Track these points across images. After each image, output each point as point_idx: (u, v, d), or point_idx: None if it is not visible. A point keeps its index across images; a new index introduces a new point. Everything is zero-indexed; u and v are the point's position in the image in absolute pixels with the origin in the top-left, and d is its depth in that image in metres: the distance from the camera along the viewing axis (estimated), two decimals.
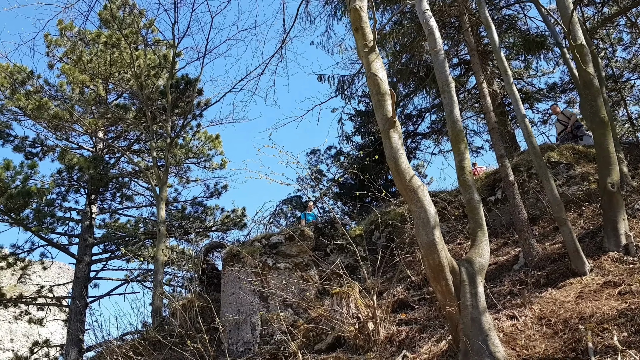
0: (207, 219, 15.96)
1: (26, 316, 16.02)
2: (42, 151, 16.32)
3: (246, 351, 8.73)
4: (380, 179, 14.46)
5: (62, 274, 25.31)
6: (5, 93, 15.74)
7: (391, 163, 6.04)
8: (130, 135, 16.90)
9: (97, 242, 15.63)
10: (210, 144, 16.59)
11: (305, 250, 9.36)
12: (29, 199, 14.56)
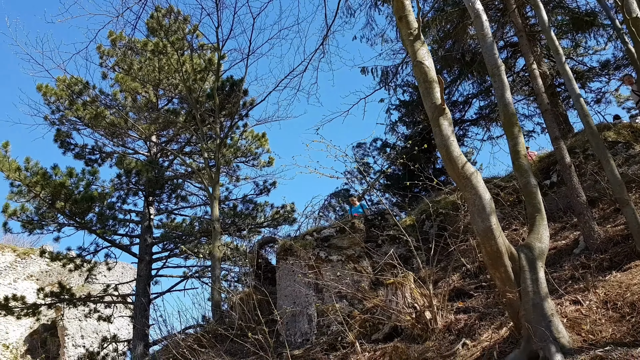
0: (258, 215, 16.30)
1: (95, 314, 16.85)
2: (101, 158, 17.08)
3: (304, 342, 8.92)
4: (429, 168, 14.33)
5: (125, 273, 26.45)
6: (64, 104, 16.55)
7: (442, 151, 6.01)
8: (182, 138, 17.45)
9: (157, 242, 16.26)
10: (257, 143, 16.90)
11: (356, 242, 9.43)
12: (92, 204, 15.30)
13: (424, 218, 9.86)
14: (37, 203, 15.36)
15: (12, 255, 24.96)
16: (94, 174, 16.09)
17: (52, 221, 15.70)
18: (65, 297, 16.43)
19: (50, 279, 24.42)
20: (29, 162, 15.17)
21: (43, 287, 18.45)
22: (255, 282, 10.06)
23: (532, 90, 13.96)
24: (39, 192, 14.85)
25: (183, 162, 16.70)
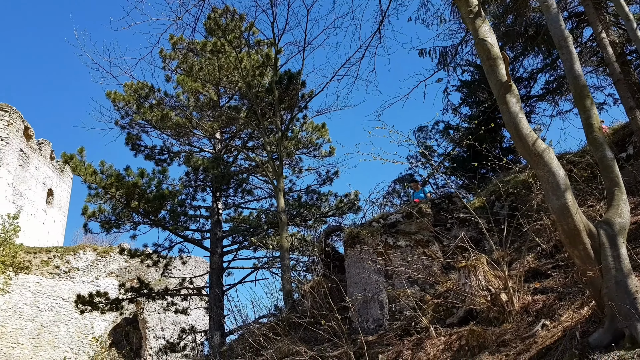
0: (322, 205, 16.49)
1: (172, 306, 17.69)
2: (169, 157, 17.80)
3: (377, 328, 8.99)
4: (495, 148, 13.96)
5: (198, 266, 27.59)
6: (132, 109, 17.34)
7: (511, 129, 5.88)
8: (244, 134, 17.90)
9: (226, 235, 16.83)
10: (318, 134, 17.05)
11: (425, 227, 9.36)
12: (164, 202, 15.98)
13: (494, 199, 9.64)
14: (113, 204, 16.20)
15: (93, 254, 26.61)
16: (163, 173, 16.83)
17: (128, 220, 16.51)
18: (144, 291, 17.31)
19: (129, 275, 25.84)
20: (104, 165, 16.01)
21: (123, 282, 19.57)
22: (324, 270, 10.20)
23: (601, 60, 13.27)
24: (114, 193, 15.63)
25: (247, 156, 17.13)
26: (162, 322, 25.36)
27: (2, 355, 21.69)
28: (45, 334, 23.25)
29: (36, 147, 36.70)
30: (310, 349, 8.44)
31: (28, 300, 23.31)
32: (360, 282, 9.50)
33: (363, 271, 9.42)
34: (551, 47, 13.63)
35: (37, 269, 24.04)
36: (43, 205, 35.98)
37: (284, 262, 12.23)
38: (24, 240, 25.36)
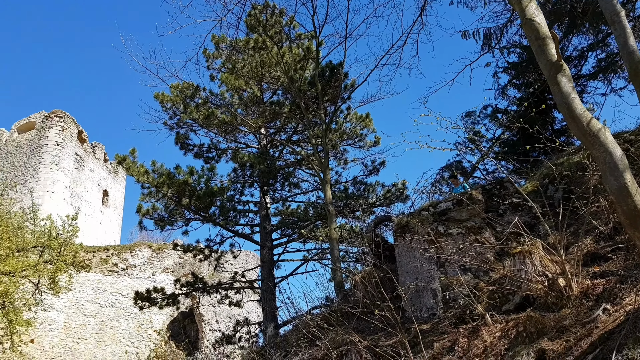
0: (369, 195, 16.48)
1: (226, 300, 18.15)
2: (217, 154, 18.20)
3: (431, 317, 8.96)
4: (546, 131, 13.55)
5: (249, 260, 28.20)
6: (179, 109, 17.80)
7: (563, 109, 5.73)
8: (289, 128, 18.07)
9: (275, 229, 17.10)
10: (362, 124, 17.03)
11: (476, 214, 9.24)
12: (214, 198, 16.39)
13: (547, 182, 9.39)
14: (165, 202, 16.74)
15: (148, 251, 27.61)
16: (212, 170, 17.24)
17: (180, 217, 17.02)
18: (199, 285, 17.84)
19: (184, 270, 26.68)
20: (155, 164, 16.54)
21: (179, 277, 20.23)
22: (374, 260, 10.23)
23: None
24: (166, 192, 16.14)
25: (292, 150, 17.31)
26: (217, 315, 26.09)
27: (69, 350, 22.88)
28: (107, 329, 24.35)
29: (90, 150, 38.33)
30: (364, 339, 8.51)
31: (89, 297, 24.47)
32: (411, 271, 9.49)
33: (414, 260, 9.40)
34: (600, 23, 13.09)
35: (96, 267, 25.18)
36: (99, 205, 37.58)
37: (333, 254, 12.33)
38: (83, 240, 26.57)
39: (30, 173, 33.22)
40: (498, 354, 6.77)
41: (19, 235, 17.49)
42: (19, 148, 34.96)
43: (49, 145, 33.86)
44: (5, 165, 34.74)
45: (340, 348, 8.84)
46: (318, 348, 9.53)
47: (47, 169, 33.10)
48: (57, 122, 34.85)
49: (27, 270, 16.56)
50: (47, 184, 32.63)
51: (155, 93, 17.64)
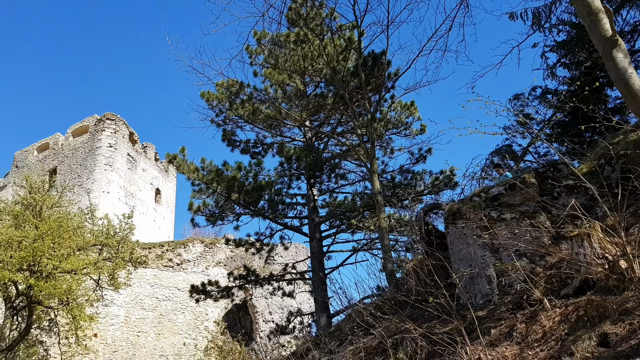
0: (417, 184, 16.35)
1: (279, 291, 18.49)
2: (263, 149, 18.50)
3: (486, 303, 8.86)
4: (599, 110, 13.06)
5: (299, 252, 28.58)
6: (225, 106, 18.16)
7: (620, 85, 5.56)
8: (333, 120, 18.15)
9: (323, 220, 17.26)
10: (407, 112, 16.90)
11: (530, 197, 9.04)
12: (262, 192, 16.67)
13: (603, 163, 9.08)
14: (215, 197, 17.14)
15: (201, 246, 28.41)
16: (259, 165, 17.51)
17: (230, 212, 17.41)
18: (251, 278, 18.24)
19: (236, 264, 27.32)
20: (204, 161, 16.95)
21: (231, 271, 20.73)
22: (425, 248, 10.19)
23: None
24: (215, 188, 16.53)
25: (338, 142, 17.38)
26: (269, 306, 26.62)
27: (130, 344, 23.88)
28: (165, 322, 25.26)
29: (141, 150, 39.70)
30: (419, 327, 8.52)
31: (147, 292, 25.42)
32: (464, 258, 9.40)
33: (467, 247, 9.30)
34: None
35: (152, 263, 26.12)
36: (152, 203, 38.92)
37: (383, 243, 12.35)
38: (139, 237, 27.55)
39: (86, 175, 34.75)
40: (558, 338, 6.66)
41: (78, 235, 18.30)
42: (74, 151, 36.62)
43: (102, 147, 35.31)
44: (62, 168, 36.49)
45: (395, 336, 8.88)
46: (372, 337, 9.60)
47: (102, 170, 34.53)
48: (109, 125, 36.28)
49: (88, 268, 17.33)
50: (103, 184, 34.04)
51: (202, 92, 18.05)
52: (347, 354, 10.01)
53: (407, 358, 8.10)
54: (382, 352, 9.17)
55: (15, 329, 17.50)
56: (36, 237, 16.41)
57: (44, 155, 38.59)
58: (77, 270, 16.72)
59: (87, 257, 18.17)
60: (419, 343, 8.16)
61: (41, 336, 19.87)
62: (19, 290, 16.61)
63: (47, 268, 15.95)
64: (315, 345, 11.24)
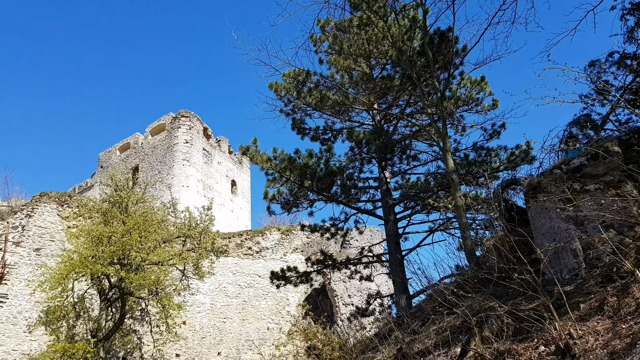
0: (492, 160, 15.95)
1: (356, 275, 18.75)
2: (332, 135, 18.68)
3: (573, 278, 8.62)
4: None
5: (374, 235, 28.79)
6: (293, 95, 18.48)
7: None
8: (401, 101, 18.02)
9: (397, 202, 17.26)
10: (477, 88, 16.46)
11: (614, 166, 8.66)
12: (334, 178, 16.89)
13: None
14: (289, 186, 17.56)
15: (278, 234, 29.23)
16: (329, 151, 17.75)
17: (304, 199, 17.77)
18: (328, 262, 18.60)
19: (312, 249, 27.92)
20: (276, 151, 17.38)
21: (309, 256, 21.24)
22: (506, 225, 10.01)
23: None
24: (289, 176, 16.93)
25: (408, 123, 17.25)
26: (348, 289, 27.04)
27: (217, 330, 25.08)
28: (249, 308, 26.31)
29: (215, 144, 41.29)
30: (503, 304, 8.44)
31: (230, 280, 26.54)
32: (548, 233, 9.17)
33: (550, 221, 9.06)
34: None
35: (233, 252, 27.21)
36: (229, 195, 40.47)
37: (461, 221, 12.22)
38: (218, 227, 28.78)
39: (166, 171, 36.67)
40: None
41: (163, 228, 19.34)
42: (153, 149, 38.68)
43: (179, 143, 37.10)
44: (143, 165, 38.69)
45: (479, 314, 8.84)
46: (455, 316, 9.59)
47: (180, 166, 36.31)
48: (184, 122, 38.01)
49: (174, 259, 18.27)
50: (182, 179, 35.80)
51: (270, 83, 18.45)
52: (431, 333, 10.07)
53: (493, 336, 8.05)
54: (466, 331, 9.16)
55: (110, 319, 18.66)
56: (124, 232, 17.51)
57: (126, 155, 41.06)
58: (163, 262, 17.67)
59: (172, 248, 19.10)
60: (505, 320, 8.09)
61: (134, 325, 21.24)
62: (111, 283, 17.78)
63: (135, 260, 17.02)
64: (397, 326, 11.37)
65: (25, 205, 22.94)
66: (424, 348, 9.74)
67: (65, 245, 21.29)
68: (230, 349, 24.84)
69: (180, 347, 23.41)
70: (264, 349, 25.15)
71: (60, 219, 22.90)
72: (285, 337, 25.98)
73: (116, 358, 21.38)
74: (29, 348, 20.43)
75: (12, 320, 20.63)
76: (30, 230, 22.17)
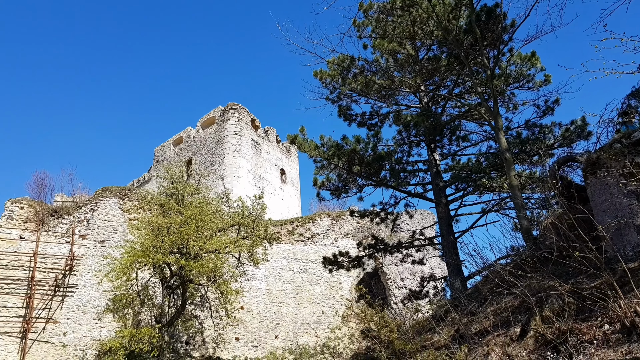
0: (546, 137, 15.49)
1: (408, 258, 18.74)
2: (379, 120, 18.59)
3: (637, 254, 8.37)
4: None
5: (425, 218, 28.61)
6: (338, 82, 18.49)
7: None
8: (449, 82, 17.72)
9: (448, 184, 17.07)
10: (528, 64, 15.97)
11: None
12: (382, 162, 16.85)
13: None
14: (337, 172, 17.66)
15: (328, 220, 29.52)
16: (377, 136, 17.69)
17: (353, 184, 17.83)
18: (380, 247, 18.66)
19: (363, 234, 28.06)
20: (323, 139, 17.47)
21: (360, 241, 21.39)
22: (564, 202, 9.78)
23: None
24: (337, 163, 17.00)
25: (457, 103, 16.96)
26: (400, 273, 27.07)
27: (273, 314, 25.71)
28: (303, 293, 26.80)
29: (264, 134, 42.01)
30: (564, 283, 8.30)
31: (284, 266, 27.09)
32: (609, 209, 8.92)
33: (611, 197, 8.81)
34: None
35: (285, 238, 27.71)
36: (278, 183, 41.14)
37: (516, 201, 12.00)
38: (270, 215, 29.37)
39: (217, 162, 37.65)
40: None
41: (218, 217, 19.90)
42: (205, 142, 39.75)
43: (229, 135, 37.98)
44: (196, 158, 39.84)
45: (539, 294, 8.72)
46: (514, 296, 9.50)
47: (231, 157, 37.18)
48: (233, 114, 38.84)
49: (229, 247, 18.81)
50: (233, 170, 36.67)
51: (315, 71, 18.50)
52: (489, 314, 10.03)
53: (554, 315, 7.96)
54: (525, 311, 9.07)
55: (172, 305, 19.51)
56: (182, 222, 18.17)
57: (179, 148, 42.36)
58: (219, 250, 18.25)
59: (227, 237, 19.64)
60: (566, 299, 7.96)
61: (195, 311, 22.07)
62: (172, 271, 18.56)
63: (194, 249, 17.66)
64: (454, 308, 11.37)
65: (89, 200, 24.15)
66: (482, 329, 9.72)
67: (128, 236, 22.32)
68: (287, 332, 25.45)
69: (239, 330, 24.18)
70: (320, 332, 25.61)
71: (122, 212, 23.98)
72: (340, 320, 26.34)
73: (180, 342, 22.34)
74: (99, 334, 21.64)
75: (83, 309, 21.89)
76: (94, 224, 23.35)
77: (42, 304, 21.29)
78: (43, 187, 30.26)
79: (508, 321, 9.18)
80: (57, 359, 20.67)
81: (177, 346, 22.15)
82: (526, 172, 15.47)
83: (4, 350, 19.99)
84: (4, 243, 21.57)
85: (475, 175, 16.19)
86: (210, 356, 23.16)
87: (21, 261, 21.50)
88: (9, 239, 21.77)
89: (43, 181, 30.71)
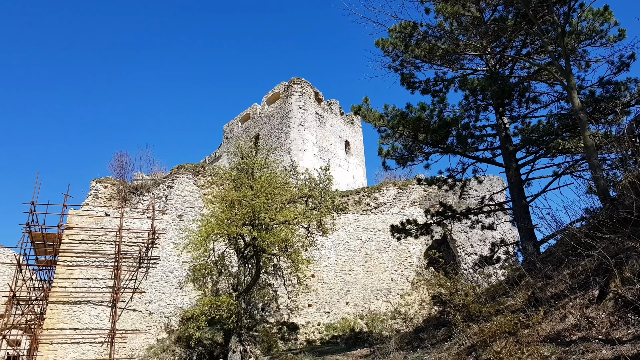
0: (621, 95, 14.76)
1: (478, 224, 18.62)
2: (444, 86, 18.29)
3: None
4: None
5: (494, 184, 28.16)
6: (400, 50, 18.31)
7: None
8: (516, 42, 17.14)
9: (518, 148, 16.71)
10: (600, 19, 15.15)
11: None
12: (449, 129, 16.67)
13: None
14: (402, 140, 17.66)
15: (394, 189, 29.66)
16: (442, 102, 17.43)
17: (419, 152, 17.77)
18: (448, 214, 18.65)
19: (430, 202, 28.01)
20: (387, 108, 17.48)
21: (428, 209, 21.44)
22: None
23: None
24: (402, 131, 16.99)
25: (525, 64, 16.41)
26: (470, 239, 26.92)
27: (343, 281, 26.43)
28: (372, 261, 27.30)
29: (327, 107, 42.36)
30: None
31: (352, 235, 27.63)
32: None
33: None
34: None
35: (352, 208, 28.17)
36: (343, 155, 41.54)
37: (592, 162, 11.67)
38: (336, 186, 29.88)
39: (283, 137, 38.51)
40: None
41: (286, 190, 20.58)
42: (271, 117, 40.68)
43: (293, 110, 38.65)
44: (263, 133, 40.91)
45: (618, 255, 8.60)
46: (590, 259, 9.38)
47: (296, 131, 37.91)
48: (297, 89, 39.41)
49: (299, 218, 19.47)
50: (299, 143, 37.41)
51: (376, 40, 18.39)
52: (565, 277, 9.96)
53: (635, 276, 7.87)
54: (604, 273, 8.98)
55: (247, 274, 20.52)
56: (252, 195, 18.95)
57: (247, 125, 43.60)
58: (289, 221, 18.91)
59: (296, 208, 20.31)
60: None
61: (269, 279, 23.10)
62: (246, 242, 19.50)
63: (265, 221, 18.43)
64: (528, 271, 11.33)
65: (166, 178, 25.60)
66: (558, 292, 9.69)
67: (203, 210, 23.58)
68: (357, 298, 26.15)
69: (311, 297, 25.11)
70: (390, 298, 26.10)
71: (197, 188, 25.28)
72: (410, 287, 26.68)
73: (256, 309, 23.55)
74: (181, 302, 23.19)
75: (165, 279, 23.49)
76: (172, 199, 24.79)
77: (128, 275, 23.04)
78: (124, 167, 32.32)
79: (585, 284, 9.12)
80: (144, 325, 22.41)
81: (254, 312, 23.36)
82: (601, 132, 14.89)
83: (96, 318, 21.90)
84: (91, 220, 23.39)
85: (547, 137, 15.74)
86: (285, 322, 24.27)
87: (107, 236, 23.27)
88: (95, 216, 23.58)
89: (123, 161, 32.75)
